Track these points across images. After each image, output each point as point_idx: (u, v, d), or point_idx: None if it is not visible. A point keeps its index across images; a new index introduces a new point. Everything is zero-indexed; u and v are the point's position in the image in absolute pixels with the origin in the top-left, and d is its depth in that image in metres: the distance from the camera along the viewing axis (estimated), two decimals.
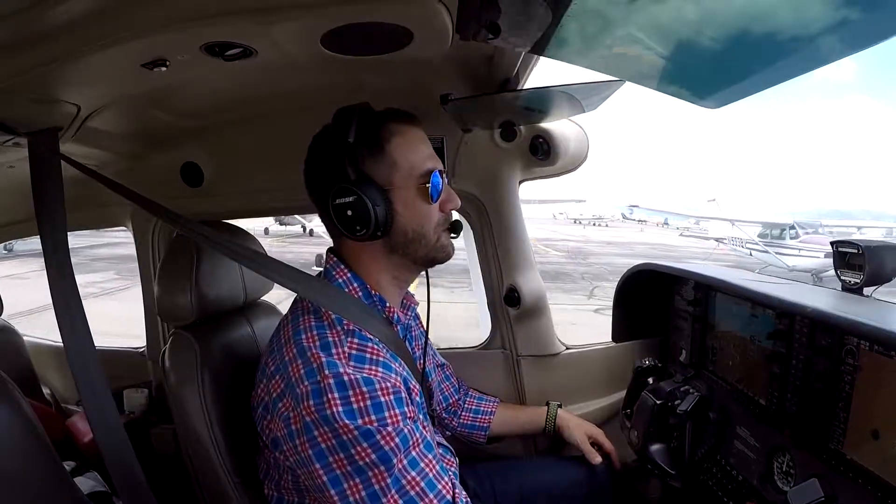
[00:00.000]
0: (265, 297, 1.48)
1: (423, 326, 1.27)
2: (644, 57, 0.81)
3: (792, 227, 19.28)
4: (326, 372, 0.89)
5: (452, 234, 1.10)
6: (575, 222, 53.54)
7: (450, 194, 1.07)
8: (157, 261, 1.84)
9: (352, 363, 0.91)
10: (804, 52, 0.66)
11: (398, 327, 1.07)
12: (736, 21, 0.67)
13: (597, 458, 1.43)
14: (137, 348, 2.11)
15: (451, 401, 1.47)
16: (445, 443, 1.25)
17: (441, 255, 1.08)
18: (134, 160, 1.64)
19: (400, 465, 0.89)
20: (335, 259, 1.07)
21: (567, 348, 1.75)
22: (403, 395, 0.93)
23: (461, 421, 1.48)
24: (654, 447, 1.32)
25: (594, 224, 52.07)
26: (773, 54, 0.70)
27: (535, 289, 1.65)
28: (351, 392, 0.88)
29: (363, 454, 0.87)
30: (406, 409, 0.92)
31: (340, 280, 1.04)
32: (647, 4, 0.69)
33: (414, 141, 1.04)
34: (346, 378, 0.88)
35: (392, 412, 0.89)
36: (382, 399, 0.89)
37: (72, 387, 1.29)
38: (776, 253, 18.28)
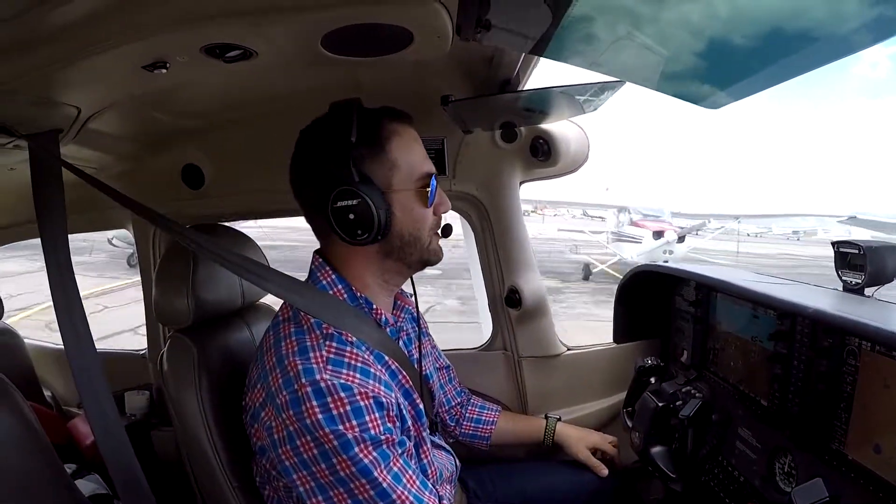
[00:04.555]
0: (264, 300, 1.47)
1: (420, 328, 1.23)
2: (643, 57, 0.81)
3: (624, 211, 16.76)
4: (303, 380, 0.89)
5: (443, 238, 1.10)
6: None
7: (442, 197, 1.07)
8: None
9: (329, 367, 0.90)
10: (806, 51, 0.66)
11: (388, 329, 1.05)
12: (737, 20, 0.67)
13: (604, 471, 1.43)
14: (138, 350, 2.11)
15: (453, 403, 1.46)
16: (446, 445, 1.24)
17: (433, 258, 1.08)
18: (135, 162, 1.64)
19: (386, 481, 0.89)
20: (321, 260, 1.05)
21: (568, 349, 1.75)
22: (384, 399, 0.92)
23: (463, 430, 1.48)
24: (656, 449, 1.32)
25: None
26: (775, 52, 0.70)
27: (536, 290, 1.65)
28: (329, 399, 0.87)
29: (343, 465, 0.87)
30: (386, 413, 0.92)
31: (325, 282, 1.02)
32: (646, 4, 0.69)
33: (411, 141, 1.03)
34: (322, 385, 0.88)
35: (372, 416, 0.89)
36: (362, 403, 0.89)
37: (73, 389, 1.29)
38: (616, 241, 15.78)
